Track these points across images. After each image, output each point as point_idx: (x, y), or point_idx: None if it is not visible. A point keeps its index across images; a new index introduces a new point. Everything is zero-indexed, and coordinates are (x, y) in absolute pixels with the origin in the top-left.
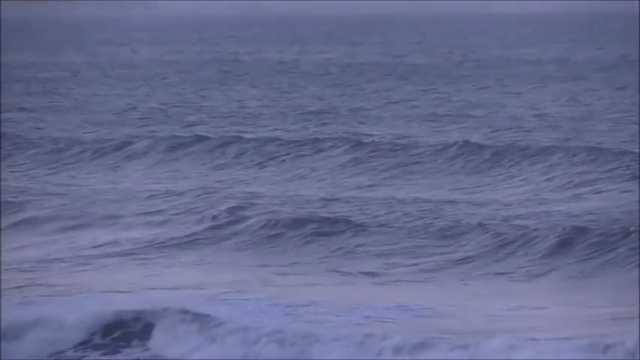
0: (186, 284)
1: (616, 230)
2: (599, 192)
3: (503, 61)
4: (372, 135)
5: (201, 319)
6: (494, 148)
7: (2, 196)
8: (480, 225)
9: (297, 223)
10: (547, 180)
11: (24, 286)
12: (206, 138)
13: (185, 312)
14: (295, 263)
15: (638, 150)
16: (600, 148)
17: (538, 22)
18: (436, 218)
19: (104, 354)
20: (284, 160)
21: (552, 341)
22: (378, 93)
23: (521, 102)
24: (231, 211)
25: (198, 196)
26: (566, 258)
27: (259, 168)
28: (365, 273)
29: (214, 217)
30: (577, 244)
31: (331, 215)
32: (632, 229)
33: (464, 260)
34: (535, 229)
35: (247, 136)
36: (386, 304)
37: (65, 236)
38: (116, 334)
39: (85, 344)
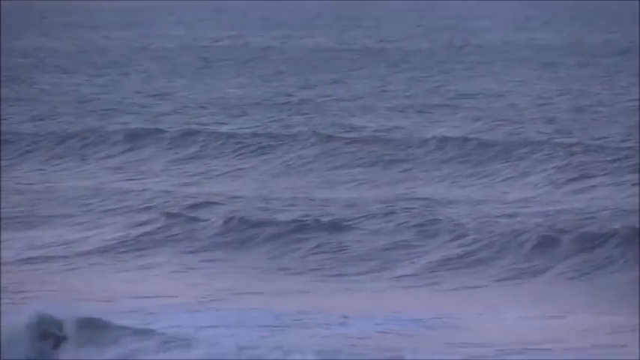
0: (145, 291)
1: (611, 228)
2: (596, 188)
3: (509, 47)
4: (357, 127)
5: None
6: (484, 142)
7: None
8: (467, 224)
9: (273, 224)
10: (540, 176)
11: None
12: (175, 131)
13: (125, 328)
14: (280, 267)
15: (631, 145)
16: (600, 143)
17: (550, 4)
18: (430, 216)
19: None
20: (257, 155)
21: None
22: (368, 82)
23: (523, 91)
24: (194, 209)
25: (161, 192)
26: (567, 257)
27: (236, 160)
28: (349, 277)
29: (175, 216)
30: (576, 244)
31: (305, 216)
32: (618, 226)
33: (458, 262)
34: (527, 228)
35: (223, 129)
36: (383, 312)
37: (19, 236)
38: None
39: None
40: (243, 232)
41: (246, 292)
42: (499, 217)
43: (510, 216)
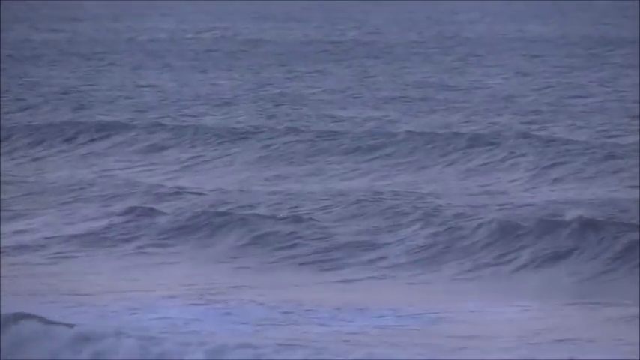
0: (116, 285)
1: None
2: (569, 178)
3: (498, 39)
4: (340, 119)
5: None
6: (466, 133)
7: None
8: (441, 213)
9: (254, 219)
10: (520, 166)
11: None
12: (154, 123)
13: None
14: (263, 260)
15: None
16: (581, 133)
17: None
18: (406, 205)
19: None
20: (235, 146)
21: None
22: (355, 73)
23: (511, 83)
24: (165, 200)
25: (131, 184)
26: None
27: (215, 150)
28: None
29: (143, 208)
30: (544, 232)
31: (280, 207)
32: (567, 218)
33: (431, 252)
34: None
35: (207, 120)
36: (378, 306)
37: None
38: None
39: None
40: (218, 224)
41: (233, 287)
42: (475, 207)
43: (484, 206)
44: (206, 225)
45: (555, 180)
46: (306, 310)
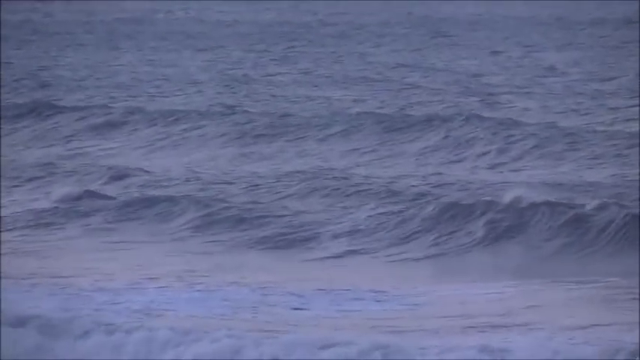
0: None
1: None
2: (522, 161)
3: (471, 20)
4: (300, 100)
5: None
6: (423, 115)
7: None
8: (399, 194)
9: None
10: (477, 148)
11: None
12: (112, 104)
13: None
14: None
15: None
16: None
17: None
18: (364, 186)
19: None
20: (195, 130)
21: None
22: (321, 55)
23: (478, 64)
24: (113, 182)
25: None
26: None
27: (174, 133)
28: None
29: (91, 191)
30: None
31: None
32: (508, 199)
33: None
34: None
35: (175, 101)
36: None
37: None
38: None
39: None
40: (184, 203)
41: (200, 268)
42: (434, 186)
43: (442, 185)
44: (172, 204)
45: (516, 159)
46: (263, 288)
